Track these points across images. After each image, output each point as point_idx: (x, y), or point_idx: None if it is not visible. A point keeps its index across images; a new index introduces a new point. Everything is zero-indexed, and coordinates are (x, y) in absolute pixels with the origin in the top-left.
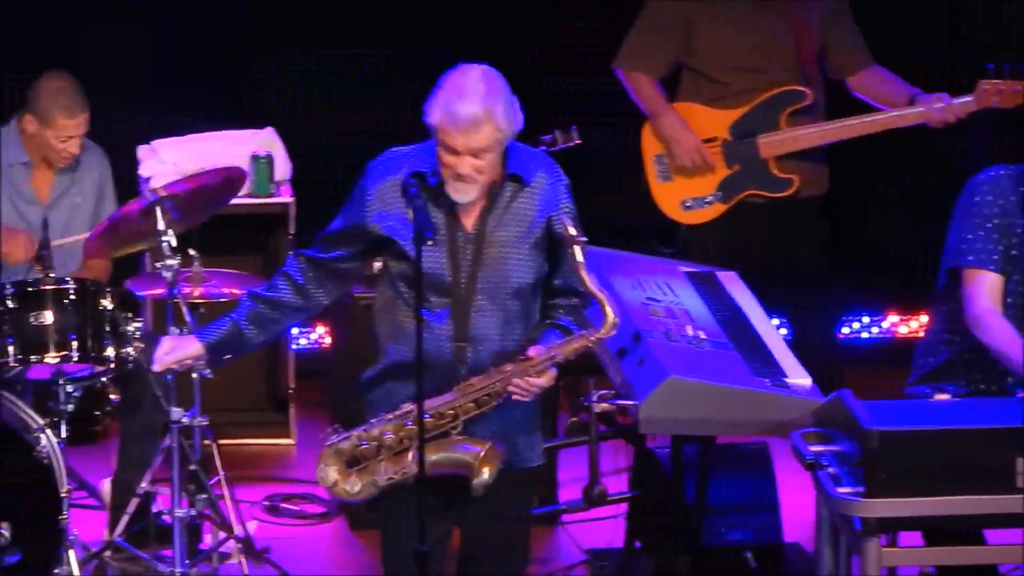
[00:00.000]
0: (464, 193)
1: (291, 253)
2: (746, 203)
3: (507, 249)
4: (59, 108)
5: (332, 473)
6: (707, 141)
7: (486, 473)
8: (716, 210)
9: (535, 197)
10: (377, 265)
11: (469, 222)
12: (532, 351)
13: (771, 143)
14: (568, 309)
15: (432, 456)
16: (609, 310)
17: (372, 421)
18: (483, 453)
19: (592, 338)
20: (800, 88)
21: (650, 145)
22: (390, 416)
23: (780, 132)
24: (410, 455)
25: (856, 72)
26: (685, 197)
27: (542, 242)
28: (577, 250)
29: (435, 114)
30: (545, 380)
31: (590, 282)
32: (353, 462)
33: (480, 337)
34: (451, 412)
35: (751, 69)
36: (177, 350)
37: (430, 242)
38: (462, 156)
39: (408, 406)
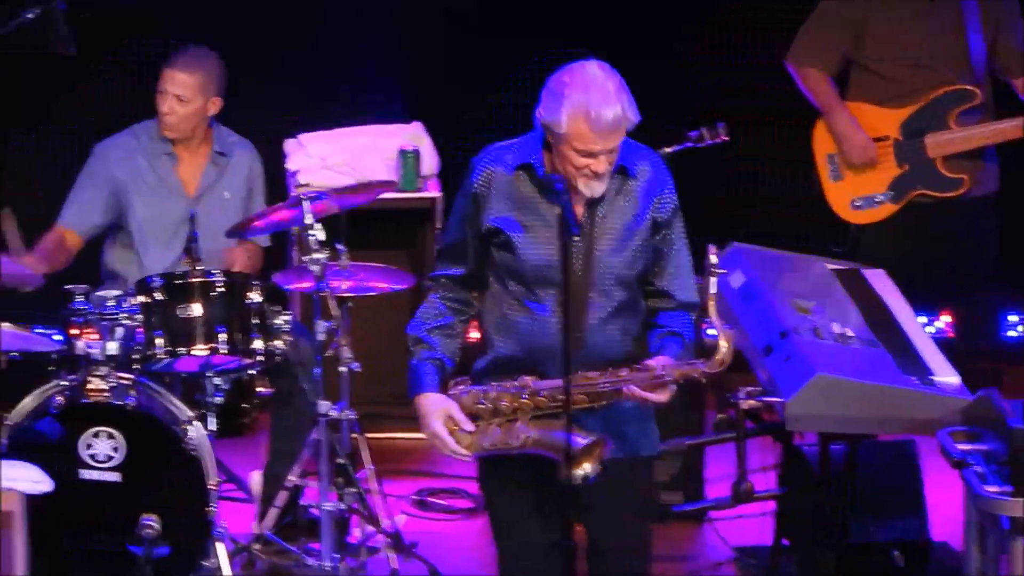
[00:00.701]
0: (596, 189)
1: (428, 281)
2: (914, 202)
3: (614, 240)
4: (167, 62)
5: (449, 423)
6: (877, 140)
7: (587, 467)
8: (886, 210)
9: (639, 189)
10: None
11: (579, 213)
12: (652, 361)
13: (939, 142)
14: (678, 319)
15: (533, 433)
16: (723, 345)
17: (492, 385)
18: (587, 446)
19: (701, 370)
20: (970, 87)
21: (821, 144)
22: (508, 385)
23: (948, 132)
24: (518, 427)
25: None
26: (855, 196)
27: (647, 233)
28: (713, 281)
29: (565, 121)
30: (663, 398)
31: (714, 314)
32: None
33: (589, 328)
34: (562, 398)
35: (922, 67)
36: (449, 420)
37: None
38: (599, 156)
39: (527, 379)
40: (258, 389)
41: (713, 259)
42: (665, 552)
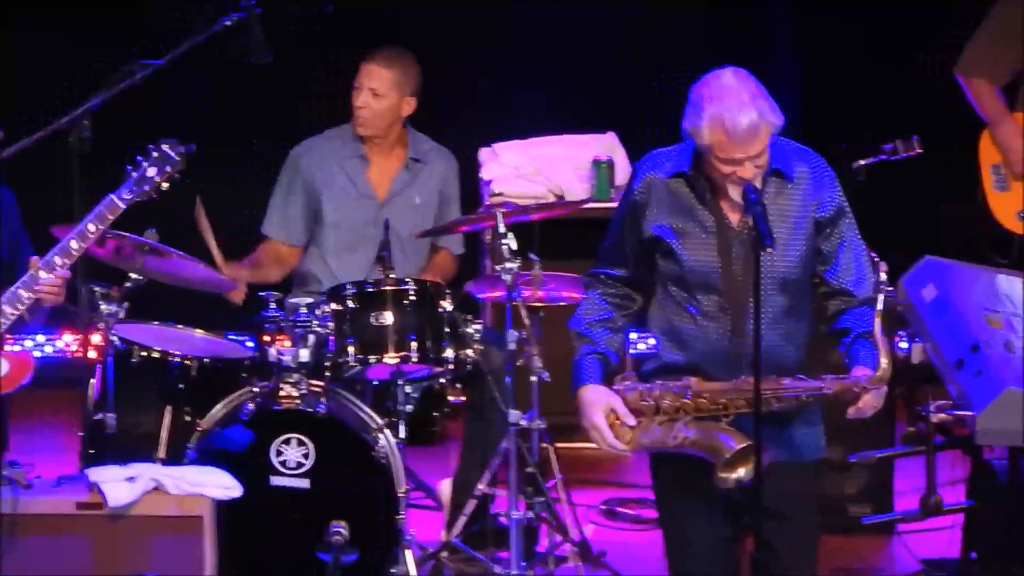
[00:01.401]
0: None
1: (586, 277)
2: None
3: (775, 243)
4: (364, 57)
5: (610, 416)
6: None
7: (742, 471)
8: None
9: (799, 191)
10: None
11: (736, 219)
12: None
13: None
14: (861, 317)
15: (692, 434)
16: (884, 363)
17: (657, 383)
18: (741, 450)
19: (862, 385)
20: None
21: (987, 154)
22: (672, 384)
23: None
24: (678, 427)
25: None
26: (1022, 207)
27: (809, 236)
28: (880, 298)
29: (705, 132)
30: (875, 402)
31: (879, 331)
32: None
33: (751, 332)
34: (722, 402)
35: None
36: (611, 413)
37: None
38: (743, 163)
39: (692, 379)
40: (449, 398)
41: (883, 276)
42: (853, 564)
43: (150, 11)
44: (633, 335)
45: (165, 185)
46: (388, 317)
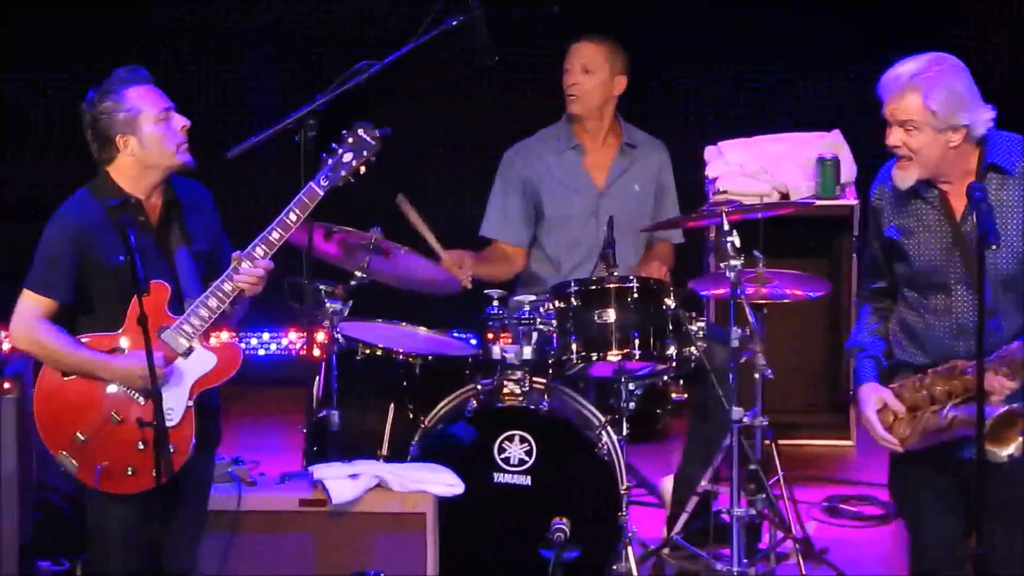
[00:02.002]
0: (902, 179)
1: (856, 297)
2: None
3: (999, 240)
4: (571, 40)
5: (888, 416)
6: None
7: (1012, 447)
8: None
9: (1020, 185)
10: None
11: (958, 216)
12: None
13: None
14: None
15: (960, 413)
16: None
17: (928, 372)
18: (1007, 415)
19: None
20: None
21: None
22: (940, 368)
23: None
24: (946, 409)
25: None
26: None
27: None
28: None
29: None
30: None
31: None
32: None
33: (974, 328)
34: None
35: None
36: (884, 408)
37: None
38: (892, 127)
39: (958, 362)
40: (671, 395)
41: None
42: None
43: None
44: None
45: (362, 169)
46: (611, 315)
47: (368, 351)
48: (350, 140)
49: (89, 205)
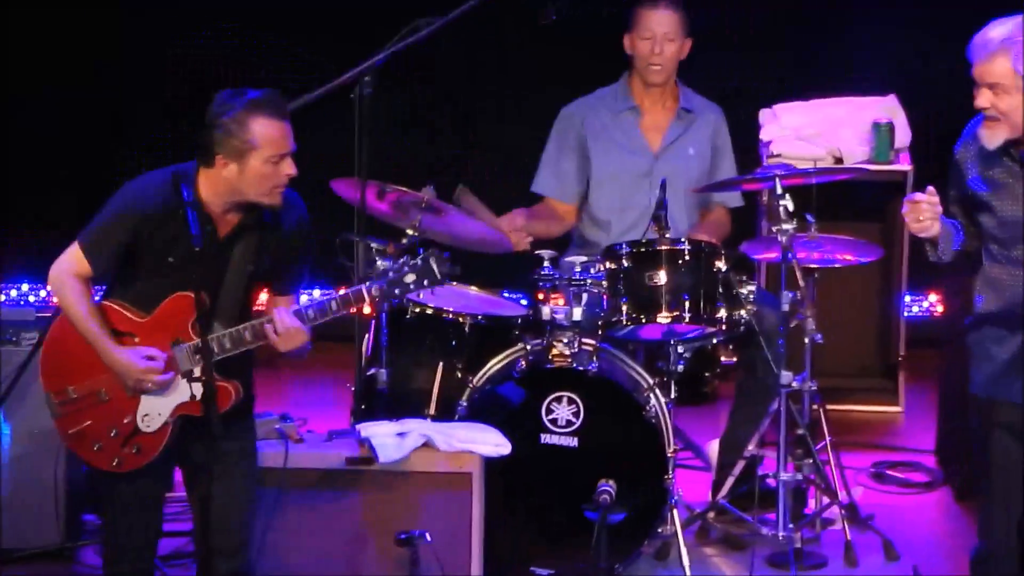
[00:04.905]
0: (990, 138)
1: None
2: None
3: None
4: (644, 5)
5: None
6: None
7: None
8: None
9: None
10: None
11: None
12: None
13: None
14: None
15: None
16: None
17: None
18: None
19: None
20: None
21: None
22: None
23: None
24: None
25: None
26: None
27: None
28: None
29: None
30: None
31: None
32: None
33: None
34: None
35: None
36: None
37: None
38: (981, 88)
39: None
40: (721, 358)
41: None
42: None
43: None
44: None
45: (420, 296)
46: (662, 277)
47: (418, 310)
48: (419, 264)
49: (165, 192)
